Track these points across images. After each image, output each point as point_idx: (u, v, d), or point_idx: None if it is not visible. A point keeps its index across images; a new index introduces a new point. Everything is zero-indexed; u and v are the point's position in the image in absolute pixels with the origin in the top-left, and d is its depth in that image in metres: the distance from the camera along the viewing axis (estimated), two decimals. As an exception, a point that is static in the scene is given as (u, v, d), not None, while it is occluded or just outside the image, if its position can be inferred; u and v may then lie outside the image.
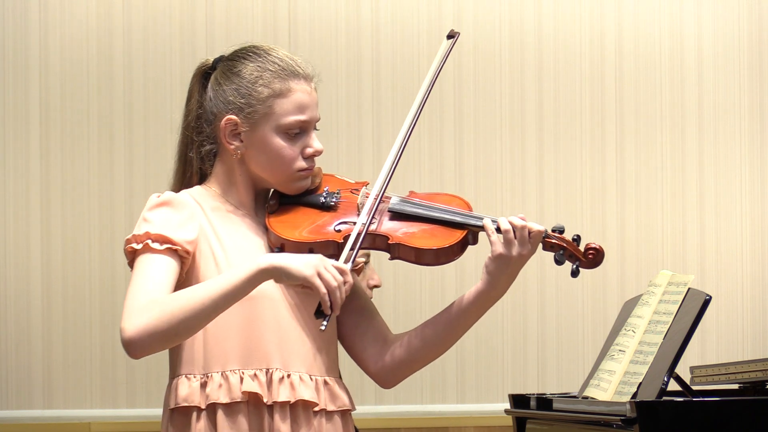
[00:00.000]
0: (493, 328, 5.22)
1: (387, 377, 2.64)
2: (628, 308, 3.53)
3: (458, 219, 2.57)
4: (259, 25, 5.18)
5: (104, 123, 5.11)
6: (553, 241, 2.57)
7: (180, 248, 2.50)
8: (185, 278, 2.53)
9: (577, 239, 2.60)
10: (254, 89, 2.58)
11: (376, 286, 3.78)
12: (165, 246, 2.49)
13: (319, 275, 2.39)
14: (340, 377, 2.63)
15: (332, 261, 2.42)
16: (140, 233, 2.52)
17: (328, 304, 2.39)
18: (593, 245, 2.59)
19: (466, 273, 5.15)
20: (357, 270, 2.74)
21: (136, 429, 5.00)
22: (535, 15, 5.31)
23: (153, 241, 2.50)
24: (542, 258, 5.25)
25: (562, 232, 2.58)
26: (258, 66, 2.60)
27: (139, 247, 2.50)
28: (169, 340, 2.42)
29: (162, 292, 2.44)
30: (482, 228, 2.55)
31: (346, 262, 2.44)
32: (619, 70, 5.34)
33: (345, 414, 2.61)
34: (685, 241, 5.33)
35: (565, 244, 2.57)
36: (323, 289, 2.39)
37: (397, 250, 2.55)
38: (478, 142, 5.27)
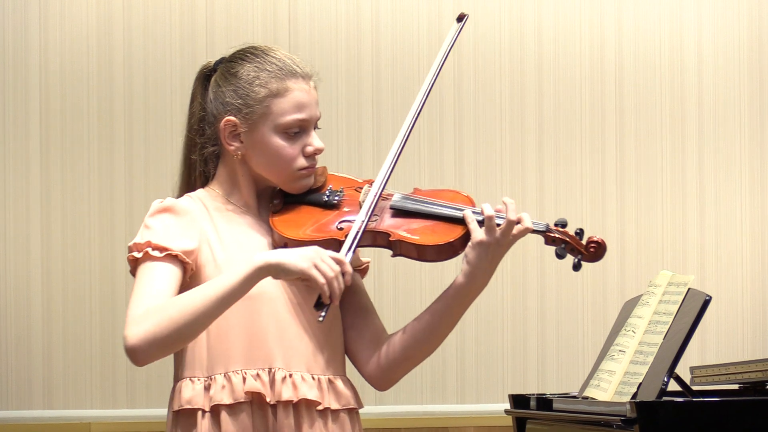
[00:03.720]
0: (493, 328, 5.22)
1: (380, 379, 2.64)
2: (628, 308, 3.53)
3: (459, 214, 2.56)
4: (259, 25, 5.18)
5: (104, 123, 5.11)
6: (555, 235, 2.57)
7: (179, 255, 2.50)
8: (189, 285, 2.53)
9: (579, 233, 2.59)
10: (251, 90, 2.59)
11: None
12: (165, 253, 2.49)
13: (316, 266, 2.40)
14: (345, 375, 2.63)
15: (329, 252, 2.43)
16: (141, 242, 2.52)
17: (327, 294, 2.39)
18: (595, 238, 2.58)
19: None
20: (362, 270, 2.73)
21: (136, 429, 5.00)
22: (535, 15, 5.31)
23: (153, 249, 2.50)
24: (543, 258, 5.28)
25: (564, 226, 2.58)
26: (255, 67, 2.61)
27: (139, 255, 2.51)
28: (172, 346, 2.42)
29: (163, 299, 2.44)
30: (481, 222, 2.54)
31: (345, 253, 2.45)
32: (620, 69, 5.34)
33: (351, 412, 2.61)
34: (685, 242, 5.33)
35: (567, 238, 2.57)
36: (321, 280, 2.39)
37: (399, 247, 2.56)
38: (478, 142, 5.27)
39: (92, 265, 5.07)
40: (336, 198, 2.63)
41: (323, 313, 2.41)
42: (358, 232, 2.51)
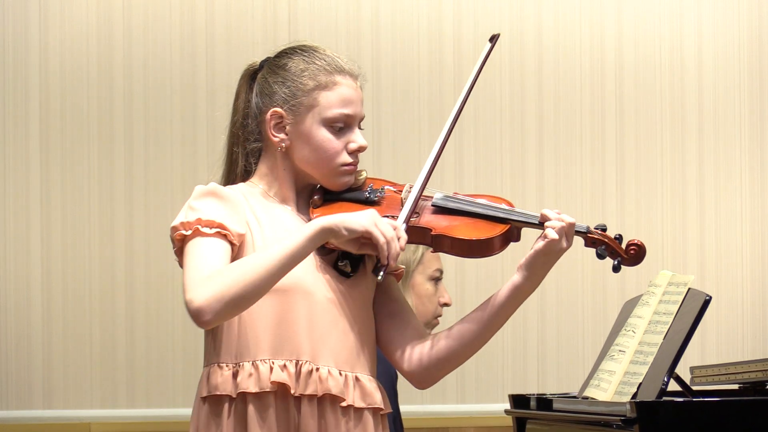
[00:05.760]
0: (493, 328, 5.22)
1: (423, 376, 2.65)
2: (628, 308, 3.53)
3: (501, 214, 2.60)
4: (259, 25, 5.18)
5: (104, 124, 5.11)
6: (596, 236, 2.60)
7: (229, 233, 2.51)
8: None
9: (619, 238, 2.62)
10: (300, 81, 2.62)
11: (446, 305, 3.75)
12: (215, 230, 2.50)
13: (377, 226, 2.46)
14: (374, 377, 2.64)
15: (385, 218, 2.49)
16: (190, 220, 2.52)
17: (386, 253, 2.44)
18: (635, 241, 2.62)
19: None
20: (397, 275, 2.74)
21: (136, 429, 5.00)
22: (535, 16, 5.31)
23: (203, 226, 2.50)
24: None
25: (604, 230, 2.62)
26: (304, 60, 2.65)
27: (188, 233, 2.50)
28: (239, 305, 2.42)
29: (219, 267, 2.45)
30: (527, 224, 2.58)
31: (401, 222, 2.52)
32: (620, 70, 5.34)
33: (376, 413, 2.61)
34: (685, 241, 5.33)
35: (607, 240, 2.59)
36: (381, 239, 2.45)
37: (440, 243, 2.58)
38: (478, 142, 5.27)
39: (92, 265, 5.07)
40: (377, 195, 2.66)
41: (382, 273, 2.46)
42: (413, 204, 2.57)
